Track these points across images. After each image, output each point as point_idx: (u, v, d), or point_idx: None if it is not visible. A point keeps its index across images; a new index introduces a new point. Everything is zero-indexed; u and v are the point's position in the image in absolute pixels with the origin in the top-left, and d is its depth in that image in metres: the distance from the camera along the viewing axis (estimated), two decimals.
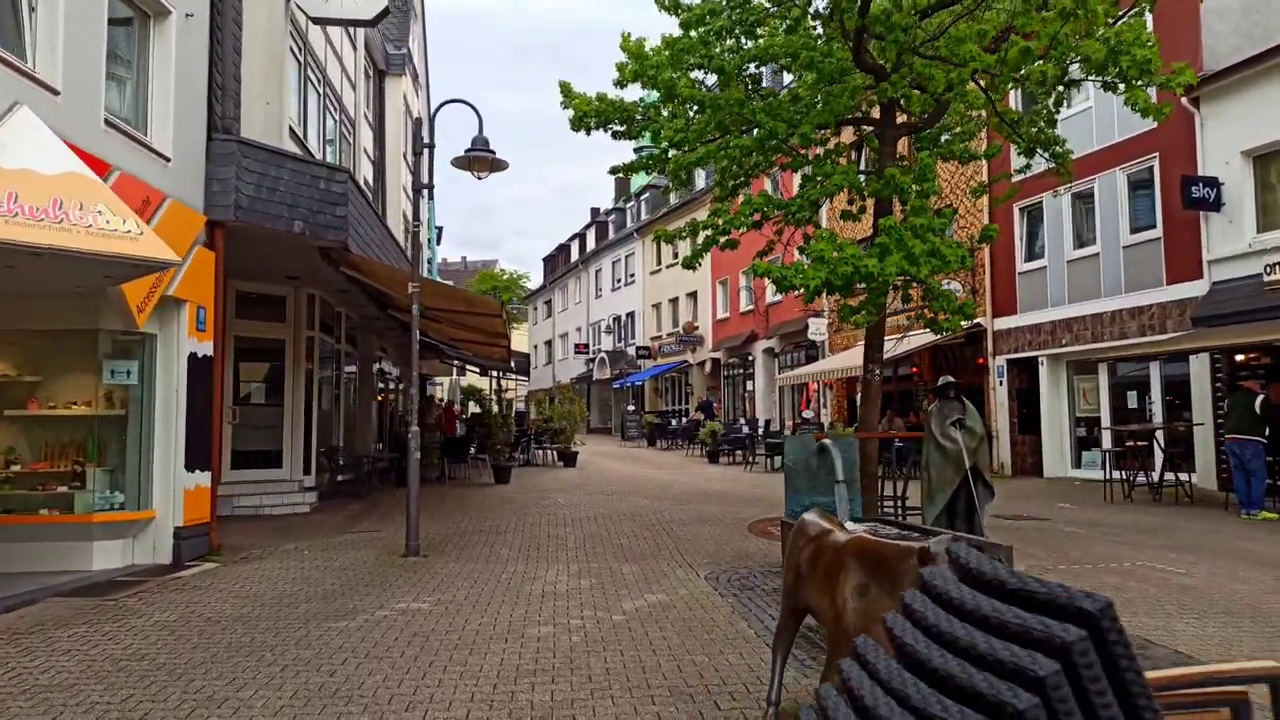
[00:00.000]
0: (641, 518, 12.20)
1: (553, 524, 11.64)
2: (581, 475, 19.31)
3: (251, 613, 6.75)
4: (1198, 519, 11.71)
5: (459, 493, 15.51)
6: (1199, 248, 14.78)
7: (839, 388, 26.10)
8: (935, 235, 10.12)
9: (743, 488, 16.62)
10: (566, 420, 21.41)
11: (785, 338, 29.12)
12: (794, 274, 9.28)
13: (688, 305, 37.69)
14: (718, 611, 6.76)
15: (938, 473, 9.35)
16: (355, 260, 11.64)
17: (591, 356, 46.74)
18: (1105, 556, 9.30)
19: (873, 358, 11.42)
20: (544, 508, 13.34)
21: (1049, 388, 18.16)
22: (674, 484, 17.25)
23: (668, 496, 14.94)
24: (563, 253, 56.40)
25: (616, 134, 12.77)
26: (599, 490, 15.97)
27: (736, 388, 34.21)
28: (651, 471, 20.63)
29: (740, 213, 10.59)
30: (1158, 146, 15.66)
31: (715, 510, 13.03)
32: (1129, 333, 16.15)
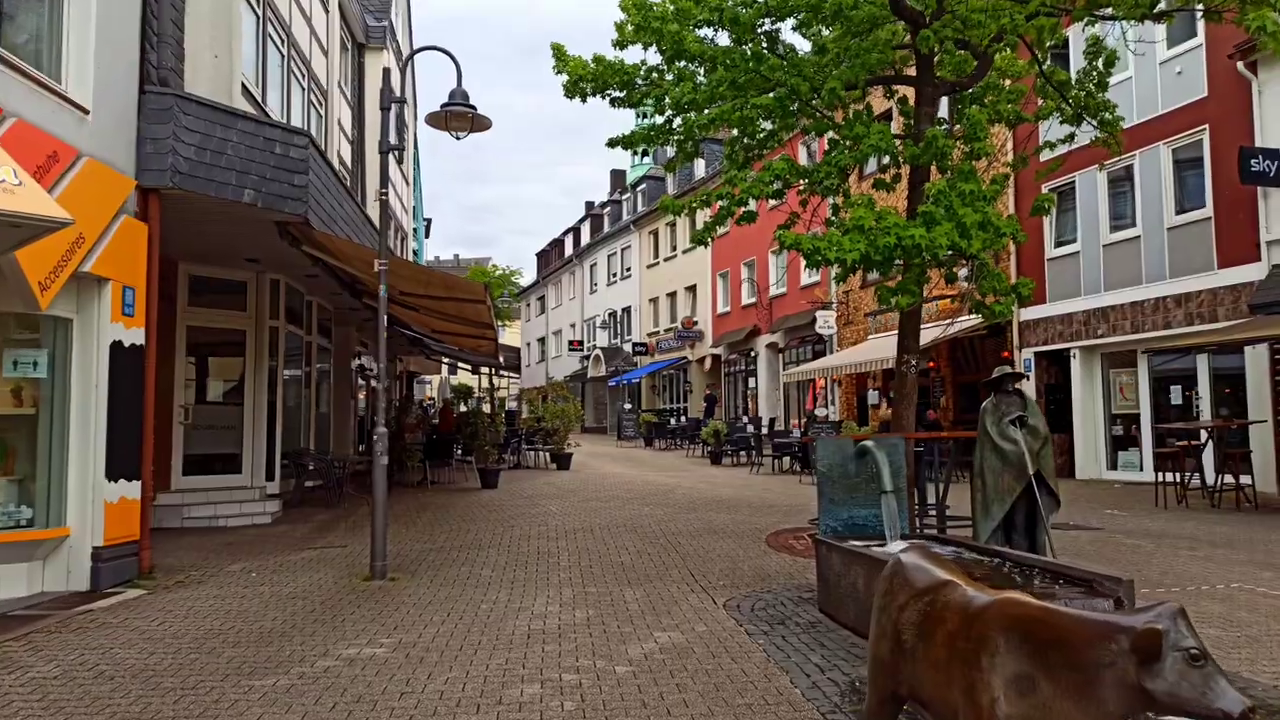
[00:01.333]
0: (643, 529, 10.80)
1: (543, 537, 10.23)
2: (576, 479, 17.90)
3: (159, 664, 5.33)
4: (1272, 528, 10.35)
5: (441, 500, 14.09)
6: (1256, 227, 13.43)
7: (848, 384, 24.74)
8: (986, 204, 8.75)
9: (753, 493, 15.22)
10: (559, 419, 20.00)
11: (790, 332, 27.74)
12: (828, 246, 7.88)
13: (686, 299, 36.30)
14: (749, 659, 5.36)
15: (995, 479, 7.99)
16: (318, 238, 10.21)
17: (586, 353, 45.31)
18: (1190, 576, 7.93)
19: (908, 347, 10.06)
20: (534, 517, 11.93)
21: (1082, 382, 16.80)
22: (677, 488, 15.85)
23: (671, 503, 13.53)
24: (556, 247, 54.96)
25: (615, 101, 11.41)
26: (595, 496, 14.56)
27: (738, 385, 32.82)
28: (651, 474, 19.23)
29: (760, 179, 9.18)
30: (1208, 118, 14.31)
31: (725, 520, 11.64)
32: (1174, 322, 14.80)
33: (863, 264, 8.12)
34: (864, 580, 5.95)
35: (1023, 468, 7.77)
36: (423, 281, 10.99)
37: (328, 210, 10.52)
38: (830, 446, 7.57)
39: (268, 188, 9.05)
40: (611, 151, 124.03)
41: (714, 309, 33.72)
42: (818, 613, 6.66)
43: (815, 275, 26.67)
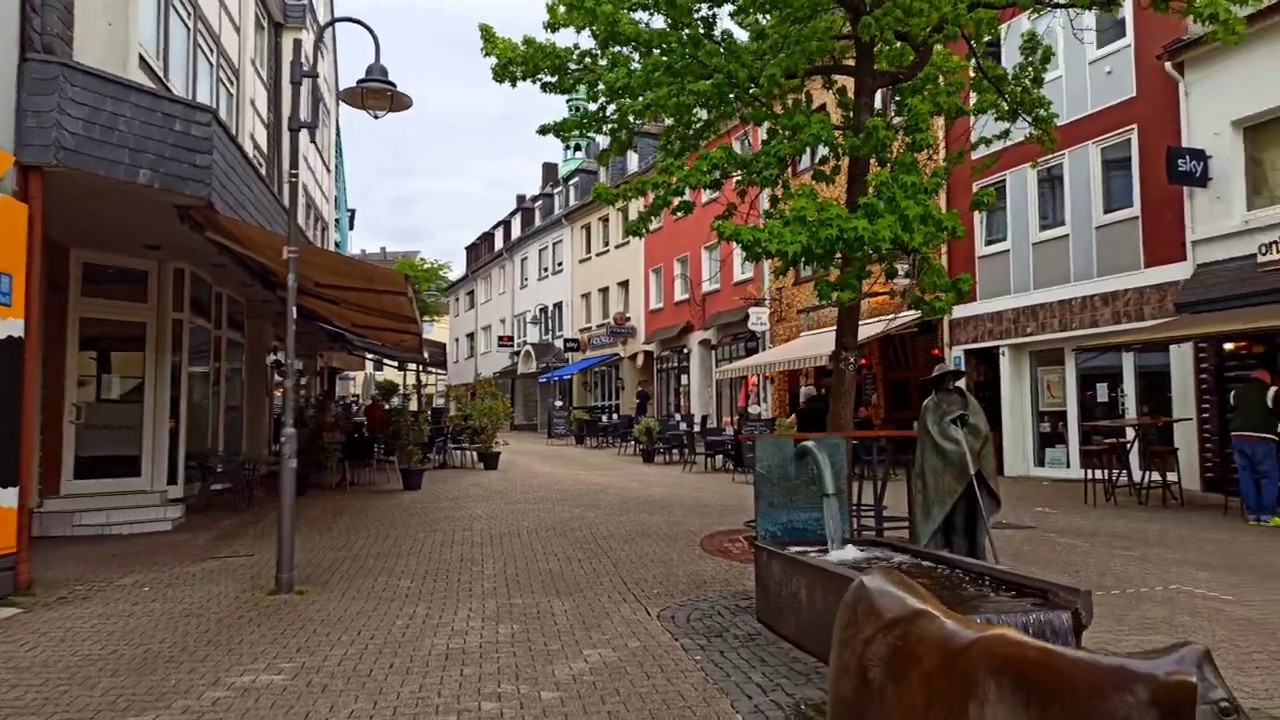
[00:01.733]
0: (573, 532, 10.35)
1: (467, 543, 9.70)
2: (504, 479, 17.34)
3: (21, 699, 4.69)
4: (1202, 526, 10.42)
5: (360, 502, 13.40)
6: (1182, 227, 13.61)
7: (780, 381, 24.64)
8: (928, 197, 8.53)
9: (686, 492, 14.89)
10: (487, 417, 19.38)
11: (723, 329, 27.57)
12: (769, 238, 7.54)
13: (619, 295, 35.90)
14: (686, 678, 4.96)
15: (935, 480, 7.76)
16: (224, 223, 9.48)
17: (516, 349, 44.58)
18: (1128, 577, 7.82)
19: (846, 343, 9.84)
20: (458, 520, 11.38)
21: (1011, 380, 16.92)
22: (608, 488, 15.43)
23: (602, 504, 13.10)
24: (486, 241, 53.98)
25: (546, 86, 10.94)
26: (523, 497, 14.04)
27: (670, 382, 32.56)
28: (582, 474, 18.78)
29: (697, 168, 8.80)
30: (1136, 117, 14.47)
31: (659, 521, 11.26)
32: (1101, 320, 14.95)
33: (803, 257, 7.80)
34: (806, 590, 5.62)
35: (964, 468, 7.56)
36: (340, 272, 10.34)
37: (235, 194, 9.78)
38: (769, 447, 7.23)
39: (166, 167, 8.31)
40: (544, 145, 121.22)
41: (647, 305, 33.39)
42: (756, 623, 6.31)
43: (749, 272, 26.54)
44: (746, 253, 7.90)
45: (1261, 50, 12.43)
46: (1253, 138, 12.88)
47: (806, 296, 23.22)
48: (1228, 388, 12.84)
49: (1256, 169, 12.87)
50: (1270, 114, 12.53)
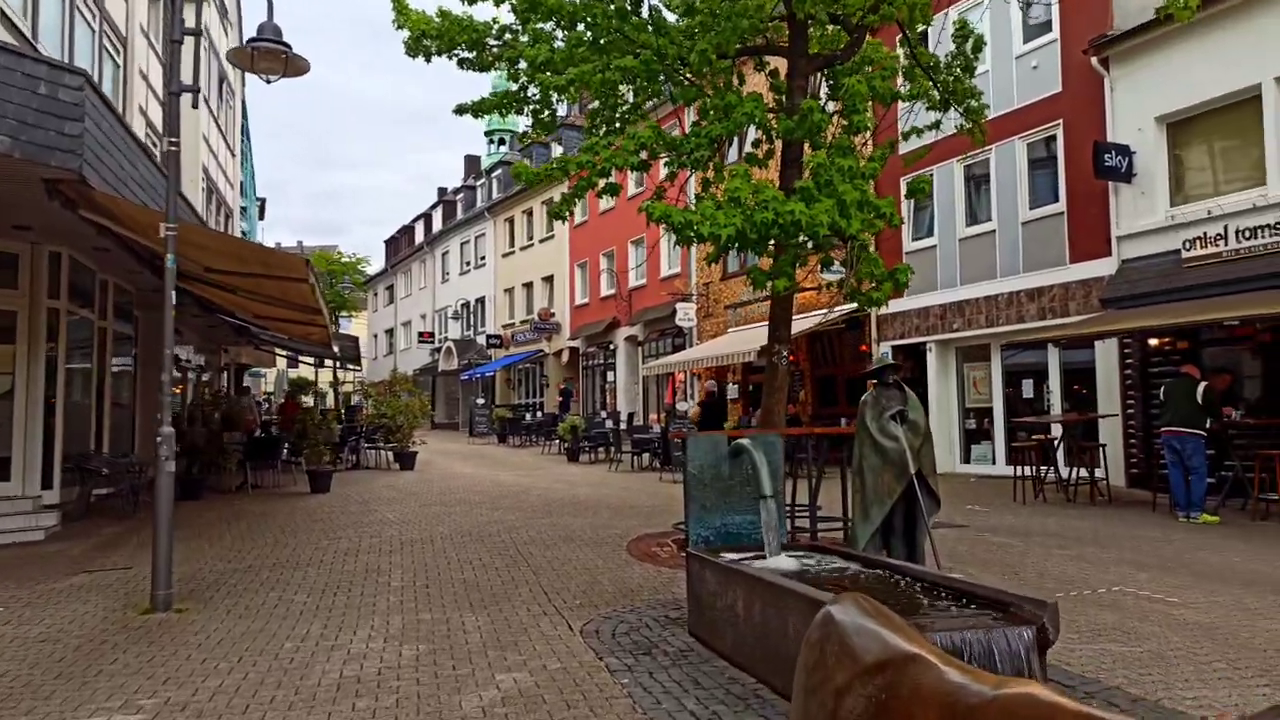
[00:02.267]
0: (491, 538, 9.69)
1: (375, 550, 8.95)
2: (420, 480, 16.52)
3: None
4: (1133, 524, 10.32)
5: (260, 507, 12.46)
6: (1107, 223, 13.63)
7: (707, 378, 24.26)
8: (865, 182, 8.14)
9: (612, 492, 14.34)
10: (404, 415, 18.48)
11: (650, 325, 27.10)
12: (701, 220, 7.03)
13: (543, 290, 35.14)
14: (611, 708, 4.40)
15: (874, 479, 7.40)
16: (100, 201, 8.54)
17: (437, 346, 43.37)
18: (1068, 579, 7.56)
19: (779, 336, 9.43)
20: (367, 526, 10.60)
21: (938, 376, 16.83)
22: (531, 489, 14.77)
23: (524, 506, 12.45)
24: (406, 235, 52.48)
25: (464, 63, 10.29)
26: (439, 500, 13.28)
27: (596, 379, 31.97)
28: (504, 474, 18.06)
29: (624, 148, 8.24)
30: (1062, 113, 14.46)
31: (583, 524, 10.68)
32: (1027, 316, 14.92)
33: (737, 242, 7.32)
34: (743, 602, 5.11)
35: (904, 467, 7.20)
36: (234, 256, 9.46)
37: (114, 170, 8.83)
38: (702, 445, 6.73)
39: (28, 135, 7.38)
40: (469, 138, 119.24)
41: (572, 300, 32.73)
42: (688, 637, 5.79)
43: (676, 266, 26.13)
44: (677, 236, 7.37)
45: (1185, 46, 12.48)
46: (1176, 134, 12.94)
47: (734, 292, 22.91)
48: (1153, 384, 12.89)
49: (1180, 165, 12.94)
50: (1193, 110, 12.60)
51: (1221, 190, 12.30)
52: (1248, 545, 8.85)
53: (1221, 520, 10.06)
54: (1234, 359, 12.17)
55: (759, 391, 22.94)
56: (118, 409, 13.79)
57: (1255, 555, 8.39)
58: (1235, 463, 10.55)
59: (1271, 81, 11.52)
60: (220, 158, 20.56)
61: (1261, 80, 11.61)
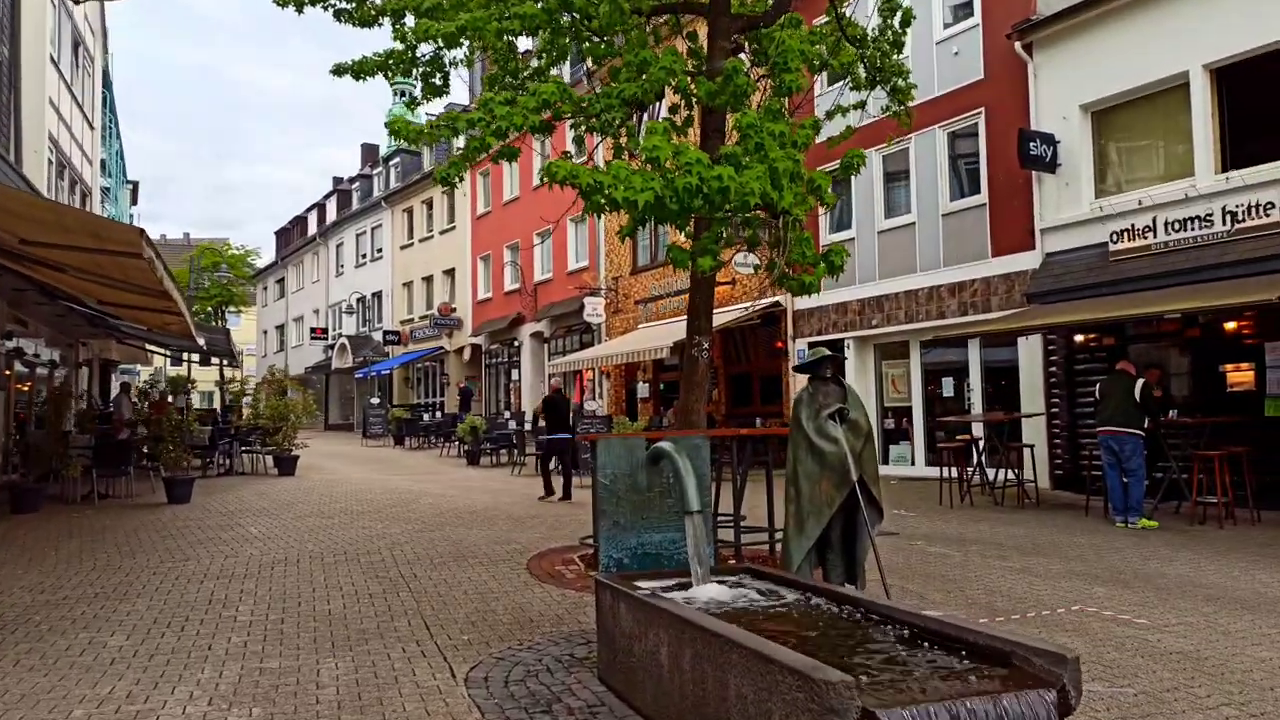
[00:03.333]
0: (370, 556, 8.40)
1: (226, 575, 7.56)
2: (299, 487, 14.95)
3: None
4: (1069, 530, 9.71)
5: (103, 521, 10.80)
6: (1030, 215, 13.15)
7: (617, 376, 23.26)
8: (797, 151, 7.21)
9: (514, 499, 13.12)
10: (282, 415, 16.82)
11: (557, 320, 25.90)
12: (614, 183, 5.94)
13: (444, 284, 33.50)
14: None
15: (811, 488, 6.46)
16: None
17: (331, 342, 41.10)
18: (1020, 596, 6.78)
19: (699, 326, 8.43)
20: (225, 544, 9.14)
21: (856, 374, 16.19)
22: (423, 496, 13.43)
23: (413, 517, 11.14)
24: (299, 225, 49.79)
25: (341, 14, 9.00)
26: (317, 510, 11.84)
27: (500, 377, 30.55)
28: (396, 479, 16.62)
29: (524, 106, 7.09)
30: (984, 101, 13.95)
31: (479, 538, 9.47)
32: (948, 311, 14.38)
33: (654, 211, 6.26)
34: (669, 648, 4.04)
35: (845, 473, 6.27)
36: (58, 225, 7.90)
37: None
38: (615, 450, 5.65)
39: None
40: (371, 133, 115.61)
41: (474, 295, 31.23)
42: (599, 685, 4.71)
43: (584, 260, 25.01)
44: (586, 203, 6.27)
45: (1111, 32, 12.07)
46: (1102, 122, 12.54)
47: (645, 287, 21.95)
48: (1078, 381, 12.45)
49: (1105, 155, 12.54)
50: (1119, 98, 12.20)
51: (1148, 181, 11.92)
52: (1195, 554, 8.28)
53: (1160, 525, 9.55)
54: (1162, 355, 11.81)
55: (670, 391, 22.13)
56: None
57: (1208, 565, 7.81)
58: (1171, 464, 10.08)
59: (1199, 69, 11.16)
60: (75, 129, 18.42)
61: (1189, 68, 11.24)
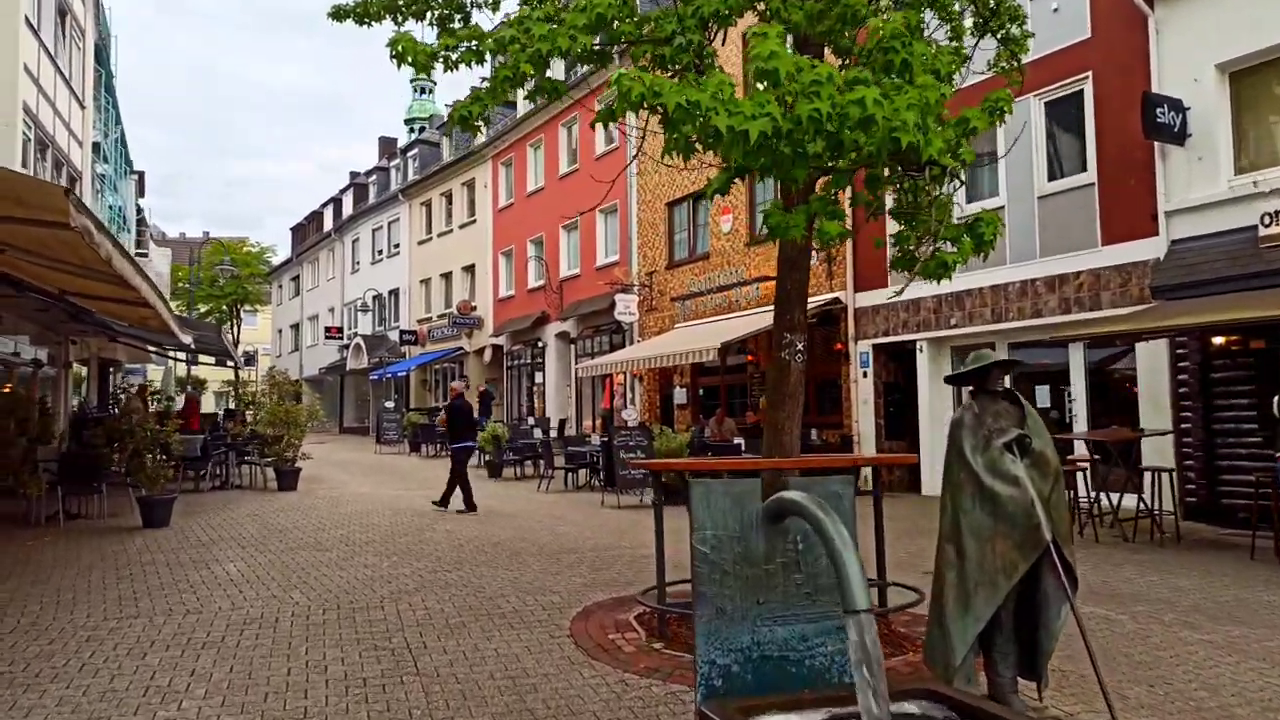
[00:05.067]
0: (370, 613, 6.59)
1: (179, 641, 5.77)
2: (298, 506, 13.19)
3: None
4: (1248, 581, 7.72)
5: (57, 553, 9.05)
6: (1152, 195, 11.19)
7: (650, 380, 21.42)
8: (946, 85, 5.36)
9: (543, 524, 11.30)
10: (283, 423, 15.11)
11: (584, 320, 24.09)
12: (716, 105, 4.08)
13: (464, 281, 31.79)
14: None
15: (981, 549, 4.61)
16: None
17: (346, 342, 39.50)
18: (1258, 698, 4.87)
19: (792, 320, 6.49)
20: (192, 589, 7.36)
21: (930, 380, 14.26)
22: (439, 520, 11.64)
23: (425, 551, 9.34)
24: (315, 221, 48.30)
25: None
26: (313, 540, 10.04)
27: (522, 380, 28.79)
28: (407, 496, 14.83)
29: (570, 25, 5.26)
30: (1091, 64, 12.00)
31: (506, 582, 7.65)
32: (1045, 309, 12.44)
33: (763, 156, 4.40)
34: None
35: (1031, 529, 4.45)
36: None
37: None
38: (717, 501, 3.79)
39: None
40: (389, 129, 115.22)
41: (495, 292, 29.49)
42: None
43: (614, 253, 23.18)
44: (670, 137, 4.43)
45: None
46: (1242, 85, 10.57)
47: (682, 283, 20.09)
48: (1216, 393, 10.49)
49: (1248, 124, 10.57)
50: (1264, 55, 10.23)
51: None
52: None
53: None
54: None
55: (711, 397, 20.29)
56: None
57: None
58: None
59: None
60: (59, 104, 16.78)
61: None
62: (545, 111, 26.15)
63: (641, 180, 21.79)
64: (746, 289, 17.67)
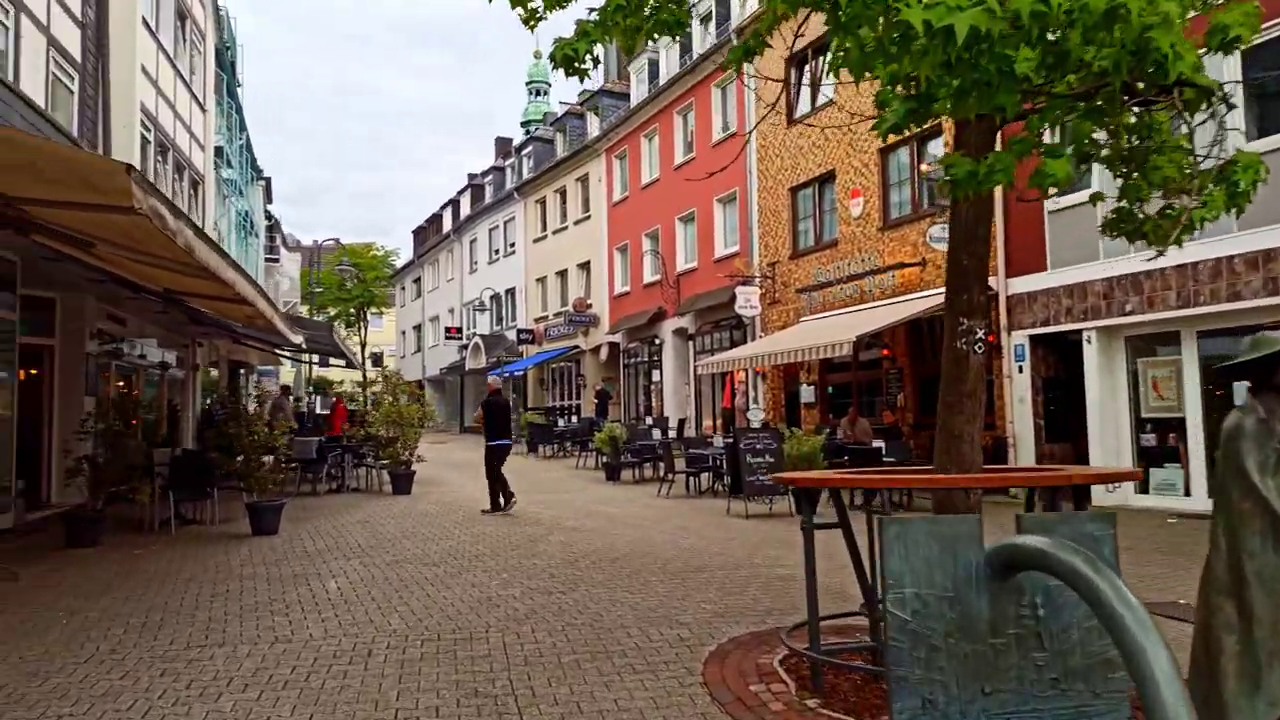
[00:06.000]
0: (473, 646, 5.75)
1: (258, 679, 5.06)
2: (410, 512, 12.67)
3: None
4: None
5: (161, 565, 8.66)
6: None
7: (774, 378, 20.21)
8: None
9: (665, 536, 10.33)
10: (398, 424, 14.72)
11: (703, 314, 23.08)
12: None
13: (579, 278, 31.28)
14: None
15: (1277, 607, 3.33)
16: None
17: (465, 342, 39.74)
18: None
19: (968, 302, 5.24)
20: (283, 612, 6.71)
21: (1099, 375, 12.58)
22: (553, 530, 10.84)
23: (538, 567, 8.50)
24: (434, 224, 49.00)
25: None
26: (419, 553, 9.37)
27: (639, 379, 28.02)
28: (523, 500, 14.15)
29: None
30: None
31: (627, 607, 6.71)
32: (1246, 292, 10.66)
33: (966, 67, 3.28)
34: None
35: None
36: (29, 168, 5.61)
37: None
38: (919, 546, 2.71)
39: None
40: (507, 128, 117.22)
41: (611, 289, 28.82)
42: None
43: (734, 244, 22.06)
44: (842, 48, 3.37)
45: None
46: None
47: (808, 273, 18.81)
48: None
49: None
50: None
51: None
52: None
53: None
54: None
55: (841, 395, 18.94)
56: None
57: None
58: None
59: None
60: (179, 107, 16.95)
61: None
62: (659, 100, 25.27)
63: (763, 166, 20.59)
64: (880, 278, 16.26)
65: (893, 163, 16.61)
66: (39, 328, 12.38)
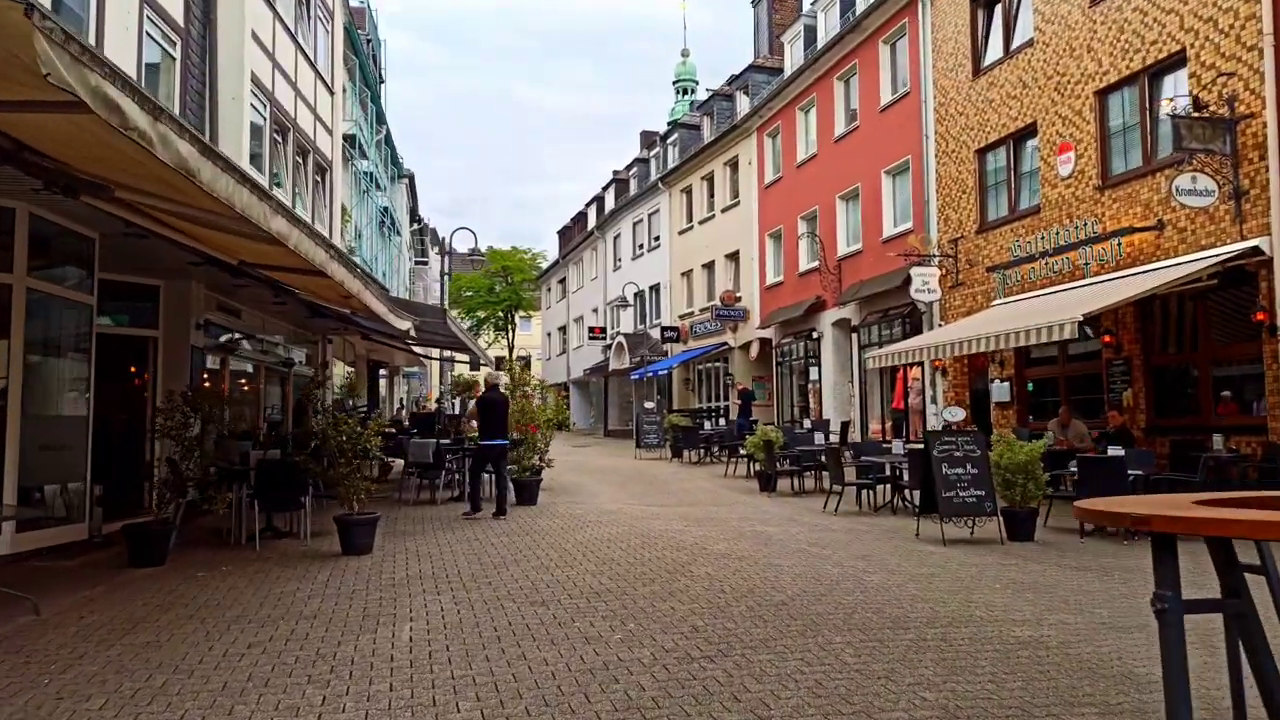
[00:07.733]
0: None
1: None
2: (529, 528, 10.83)
3: None
4: None
5: (224, 593, 7.10)
6: None
7: (956, 373, 17.37)
8: None
9: (842, 565, 8.00)
10: (526, 423, 13.01)
11: (869, 303, 20.41)
12: None
13: (727, 270, 29.10)
14: None
15: None
16: None
17: (608, 341, 38.29)
18: None
19: None
20: (342, 667, 4.89)
21: None
22: (699, 556, 8.70)
23: (676, 617, 6.37)
24: (579, 222, 48.02)
25: None
26: (528, 587, 7.42)
27: (794, 378, 25.54)
28: (665, 514, 12.13)
29: None
30: None
31: (801, 692, 4.50)
32: None
33: None
34: None
35: None
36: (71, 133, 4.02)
37: None
38: None
39: None
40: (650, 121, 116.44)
41: (762, 280, 26.48)
42: None
43: (905, 220, 19.29)
44: None
45: None
46: None
47: (1000, 249, 15.92)
48: None
49: None
50: None
51: None
52: None
53: None
54: None
55: (1044, 393, 15.89)
56: (48, 422, 8.93)
57: None
58: None
59: None
60: (301, 83, 15.91)
61: None
62: (817, 66, 22.79)
63: (941, 127, 17.79)
64: (1099, 247, 13.26)
65: (1114, 105, 13.57)
66: (141, 317, 11.41)
